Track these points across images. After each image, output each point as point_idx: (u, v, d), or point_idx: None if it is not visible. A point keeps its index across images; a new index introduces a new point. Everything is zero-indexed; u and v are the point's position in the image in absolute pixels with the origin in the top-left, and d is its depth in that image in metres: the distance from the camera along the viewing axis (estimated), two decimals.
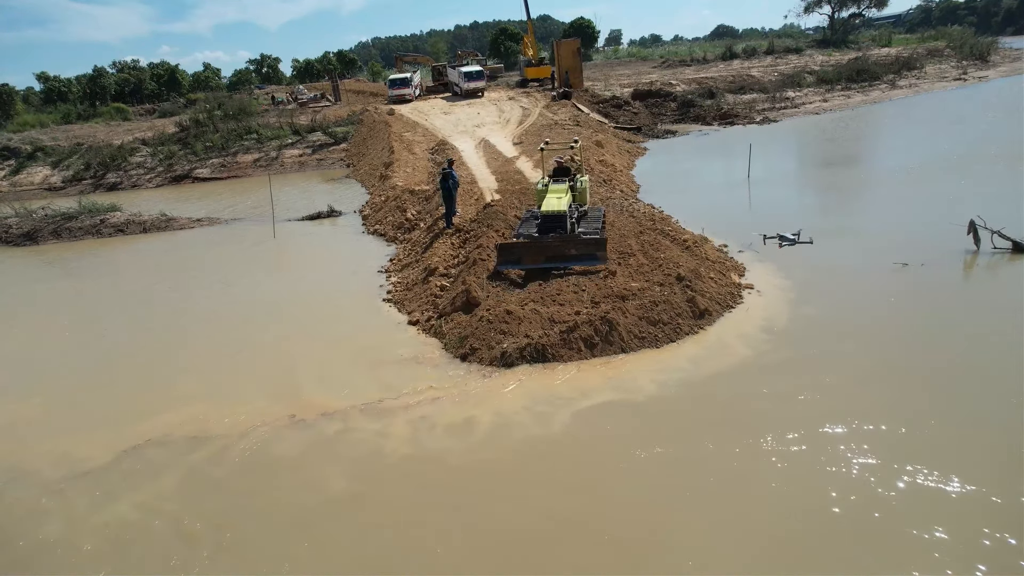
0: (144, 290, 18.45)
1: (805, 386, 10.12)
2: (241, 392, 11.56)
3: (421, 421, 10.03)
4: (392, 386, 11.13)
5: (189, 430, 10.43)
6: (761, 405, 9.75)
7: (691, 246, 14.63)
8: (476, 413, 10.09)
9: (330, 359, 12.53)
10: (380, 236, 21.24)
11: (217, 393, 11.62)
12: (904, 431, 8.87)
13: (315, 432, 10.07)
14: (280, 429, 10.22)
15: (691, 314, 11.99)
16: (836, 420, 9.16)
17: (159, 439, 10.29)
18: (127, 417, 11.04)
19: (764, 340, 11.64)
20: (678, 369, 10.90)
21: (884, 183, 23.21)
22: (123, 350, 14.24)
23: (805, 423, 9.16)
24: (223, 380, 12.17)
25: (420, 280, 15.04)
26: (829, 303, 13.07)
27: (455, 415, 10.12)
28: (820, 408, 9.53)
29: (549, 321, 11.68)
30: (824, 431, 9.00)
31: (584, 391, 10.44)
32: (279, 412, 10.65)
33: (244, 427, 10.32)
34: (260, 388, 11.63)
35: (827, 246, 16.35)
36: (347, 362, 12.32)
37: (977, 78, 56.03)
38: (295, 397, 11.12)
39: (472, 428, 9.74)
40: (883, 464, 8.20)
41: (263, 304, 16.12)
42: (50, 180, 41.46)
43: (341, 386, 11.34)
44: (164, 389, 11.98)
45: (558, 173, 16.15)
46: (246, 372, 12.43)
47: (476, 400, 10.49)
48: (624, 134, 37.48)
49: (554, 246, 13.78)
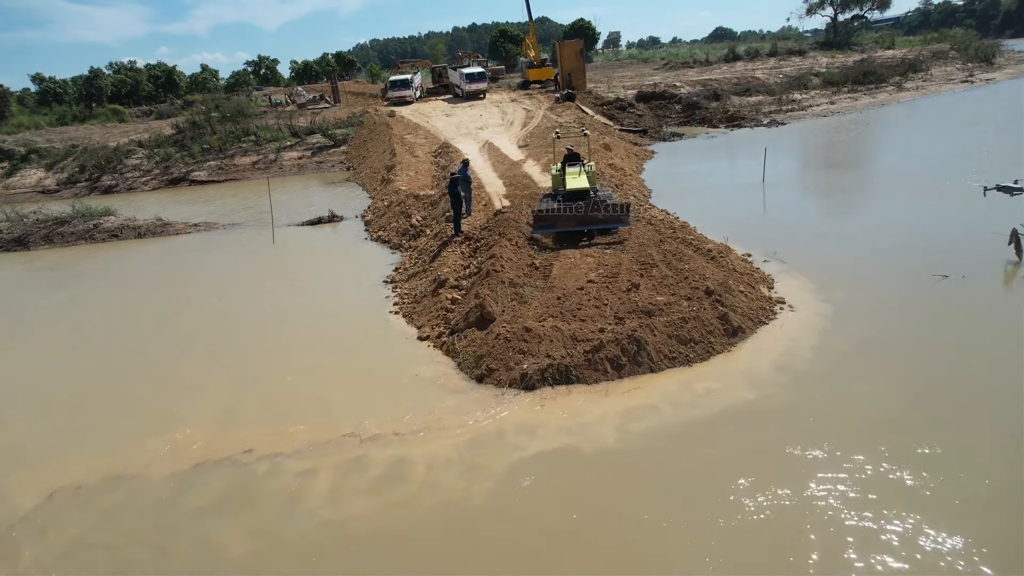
0: (136, 302, 17.58)
1: (841, 441, 8.85)
2: (231, 416, 10.71)
3: (390, 468, 8.96)
4: (396, 411, 10.30)
5: (133, 467, 9.58)
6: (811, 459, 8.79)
7: (716, 256, 13.82)
8: (481, 460, 9.07)
9: (333, 380, 11.67)
10: (384, 243, 20.42)
11: (202, 418, 10.76)
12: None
13: (243, 473, 9.19)
14: (213, 469, 9.35)
15: (723, 331, 11.19)
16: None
17: (123, 473, 9.50)
18: (105, 443, 10.25)
19: (803, 364, 10.72)
20: (724, 395, 10.07)
21: (909, 187, 22.16)
22: (109, 368, 13.32)
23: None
24: (211, 404, 11.25)
25: (429, 292, 14.22)
26: (867, 324, 11.99)
27: (453, 457, 9.16)
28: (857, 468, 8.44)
29: (571, 339, 10.86)
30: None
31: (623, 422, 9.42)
32: (245, 441, 9.83)
33: (187, 463, 9.51)
34: (252, 412, 10.80)
35: (860, 255, 15.53)
36: (350, 382, 11.49)
37: (984, 80, 55.48)
38: (285, 423, 10.32)
39: (471, 483, 8.64)
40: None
41: (261, 317, 15.24)
42: (44, 183, 40.66)
43: (339, 411, 10.51)
44: (146, 413, 11.13)
45: (569, 159, 17.26)
46: (239, 394, 11.53)
47: (483, 444, 9.41)
48: (630, 137, 36.77)
49: (585, 210, 15.09)
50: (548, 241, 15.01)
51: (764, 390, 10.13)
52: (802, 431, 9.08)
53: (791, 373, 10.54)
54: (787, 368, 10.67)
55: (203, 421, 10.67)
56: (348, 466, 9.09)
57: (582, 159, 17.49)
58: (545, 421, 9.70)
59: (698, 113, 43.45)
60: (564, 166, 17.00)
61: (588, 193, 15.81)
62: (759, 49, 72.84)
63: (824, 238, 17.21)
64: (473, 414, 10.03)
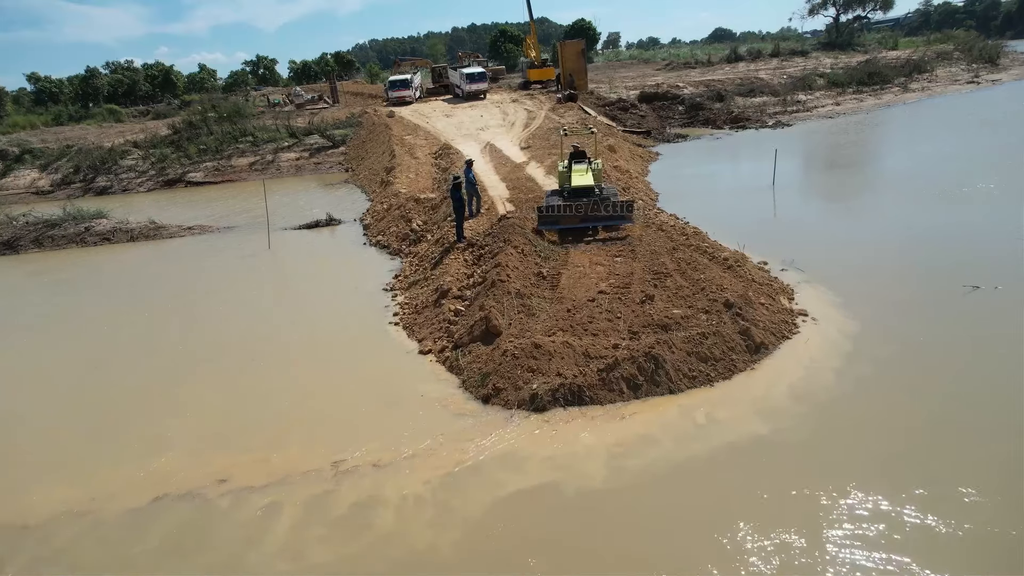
0: (124, 312, 16.82)
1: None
2: (217, 440, 10.02)
3: (357, 509, 8.22)
4: (392, 437, 9.57)
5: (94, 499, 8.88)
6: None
7: (733, 265, 13.13)
8: (455, 502, 8.20)
9: (328, 400, 10.90)
10: (383, 248, 19.73)
11: (186, 442, 10.06)
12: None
13: (202, 510, 8.51)
14: (173, 504, 8.66)
15: (745, 348, 10.50)
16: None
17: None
18: (78, 472, 9.55)
19: (823, 391, 9.90)
20: (733, 427, 9.20)
21: (925, 190, 21.39)
22: (94, 386, 12.53)
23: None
24: (197, 426, 10.53)
25: (431, 303, 13.51)
26: (894, 344, 11.05)
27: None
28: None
29: (583, 356, 10.17)
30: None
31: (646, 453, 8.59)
32: (223, 469, 9.16)
33: (150, 495, 8.83)
34: (238, 436, 10.10)
35: (882, 263, 14.86)
36: (346, 404, 10.73)
37: (990, 81, 54.87)
38: (272, 447, 9.64)
39: (439, 533, 7.77)
40: None
41: (254, 330, 14.48)
42: (38, 184, 39.98)
43: (330, 435, 9.80)
44: (130, 436, 10.42)
45: (576, 156, 17.47)
46: (228, 415, 10.80)
47: (461, 481, 8.59)
48: (633, 138, 36.13)
49: (588, 208, 15.33)
50: (553, 237, 15.15)
51: (778, 422, 9.24)
52: (817, 471, 8.13)
53: (809, 402, 9.66)
54: (805, 396, 9.79)
55: (186, 446, 9.97)
56: (314, 503, 8.38)
57: (588, 157, 17.76)
58: (534, 453, 8.90)
59: (702, 114, 42.91)
60: (571, 163, 17.20)
61: (593, 191, 16.14)
62: (761, 50, 72.26)
63: (842, 245, 16.49)
64: (475, 440, 9.30)
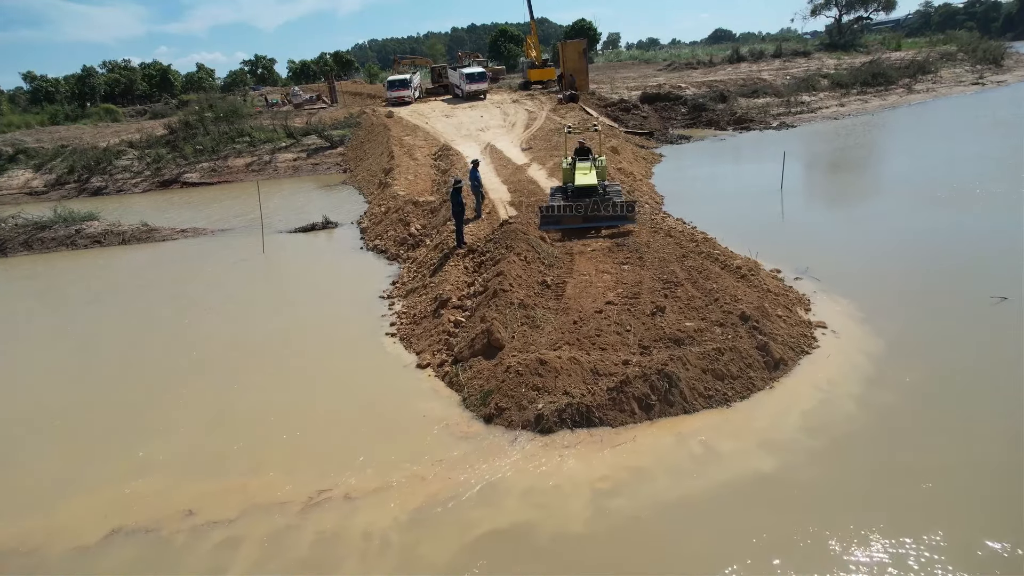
0: (109, 321, 16.14)
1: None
2: (194, 465, 9.36)
3: (316, 551, 7.56)
4: (384, 461, 8.92)
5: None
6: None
7: (746, 274, 12.49)
8: (424, 547, 7.52)
9: (318, 420, 10.19)
10: (381, 252, 19.11)
11: (163, 467, 9.40)
12: None
13: (155, 547, 7.86)
14: (125, 540, 7.99)
15: (763, 364, 9.87)
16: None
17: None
18: (40, 500, 8.91)
19: (841, 422, 9.02)
20: (736, 462, 8.41)
21: (940, 194, 20.68)
22: (73, 403, 11.78)
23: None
24: (176, 449, 9.85)
25: (430, 313, 12.86)
26: (921, 366, 10.19)
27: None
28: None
29: (592, 373, 9.55)
30: None
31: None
32: (194, 498, 8.53)
33: (105, 529, 8.19)
34: (217, 460, 9.44)
35: (901, 271, 14.27)
36: (338, 424, 10.01)
37: (996, 82, 54.33)
38: (252, 474, 9.00)
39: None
40: None
41: (244, 342, 13.82)
42: (32, 184, 39.38)
43: (316, 459, 9.12)
44: (105, 460, 9.77)
45: (580, 153, 17.55)
46: (210, 436, 10.10)
47: (434, 519, 7.87)
48: (636, 139, 35.54)
49: (590, 208, 15.42)
50: (556, 235, 15.20)
51: (786, 457, 8.33)
52: (824, 519, 7.28)
53: (823, 435, 8.74)
54: (820, 428, 8.89)
55: (162, 471, 9.30)
56: (272, 542, 7.73)
57: (593, 153, 17.79)
58: (517, 485, 8.19)
59: (704, 115, 42.37)
60: (575, 160, 17.24)
61: (596, 190, 16.22)
62: (763, 50, 71.70)
63: (857, 251, 15.86)
64: (475, 467, 8.62)
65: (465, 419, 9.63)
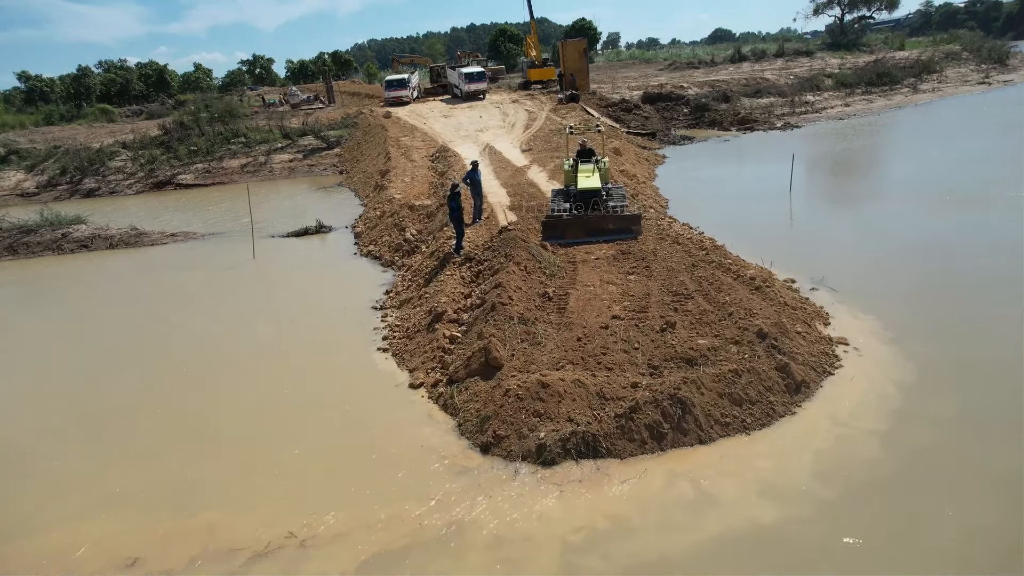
0: (88, 333, 15.29)
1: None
2: (152, 503, 8.49)
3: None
4: (362, 502, 8.03)
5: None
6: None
7: (761, 286, 11.72)
8: None
9: (303, 446, 9.36)
10: (375, 259, 18.36)
11: (119, 504, 8.54)
12: None
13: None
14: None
15: (784, 388, 9.09)
16: None
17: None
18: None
19: (859, 468, 7.91)
20: (730, 512, 7.44)
21: (956, 198, 19.85)
22: (38, 428, 10.90)
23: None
24: (137, 484, 8.94)
25: (424, 327, 12.08)
26: (956, 395, 9.19)
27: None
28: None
29: (598, 397, 8.79)
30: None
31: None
32: (143, 543, 7.66)
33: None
34: (181, 496, 8.55)
35: (924, 281, 13.51)
36: (324, 452, 9.17)
37: (1002, 82, 53.56)
38: (228, 511, 8.15)
39: None
40: None
41: (227, 355, 13.01)
42: (23, 185, 38.67)
43: (287, 496, 8.25)
44: (64, 492, 8.94)
45: (582, 155, 16.89)
46: (179, 468, 9.19)
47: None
48: (638, 140, 34.84)
49: (593, 221, 14.83)
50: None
51: (791, 509, 7.25)
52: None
53: (838, 483, 7.57)
54: (834, 474, 7.72)
55: (122, 506, 8.45)
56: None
57: (596, 154, 17.15)
58: (483, 535, 7.33)
59: (707, 115, 41.66)
60: (577, 162, 16.61)
61: (600, 192, 15.58)
62: (765, 50, 70.98)
63: (873, 258, 15.07)
64: (463, 504, 7.78)
65: (460, 448, 8.79)
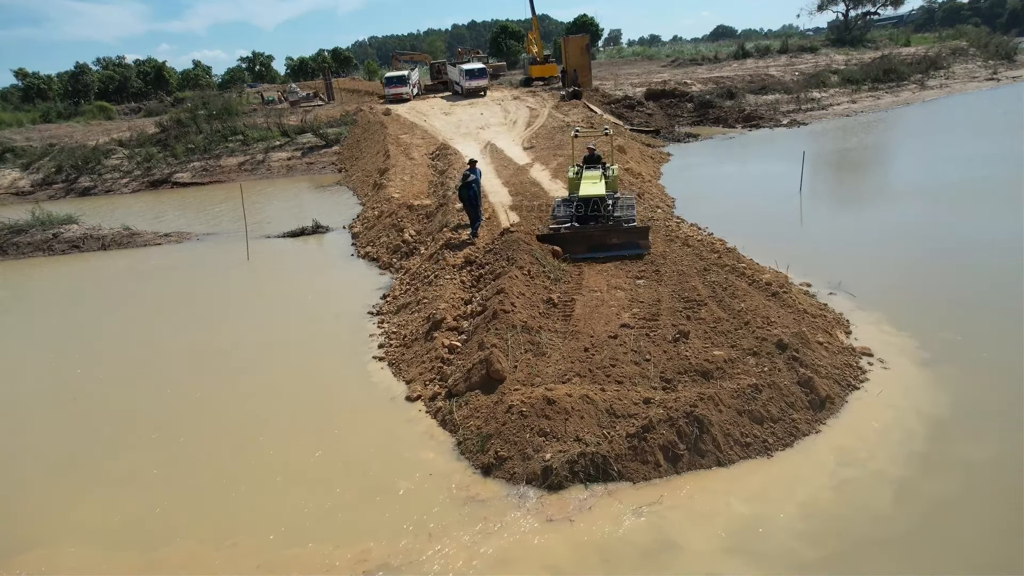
0: (69, 342, 14.57)
1: None
2: (118, 535, 7.84)
3: None
4: (355, 533, 7.37)
5: None
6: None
7: (778, 291, 11.10)
8: None
9: (289, 473, 8.62)
10: (372, 261, 17.76)
11: (85, 533, 7.92)
12: None
13: None
14: None
15: (808, 404, 8.48)
16: None
17: None
18: None
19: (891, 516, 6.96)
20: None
21: (976, 198, 18.97)
22: (11, 447, 10.26)
23: None
24: (105, 512, 8.28)
25: (422, 335, 11.46)
26: (995, 433, 8.18)
27: None
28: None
29: (608, 414, 8.19)
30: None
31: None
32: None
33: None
34: (153, 529, 7.87)
35: (946, 283, 12.88)
36: (299, 479, 8.45)
37: (1011, 78, 52.76)
38: (190, 549, 7.49)
39: None
40: None
41: (214, 367, 12.30)
42: (18, 184, 38.18)
43: (265, 531, 7.58)
44: (31, 517, 8.32)
45: (589, 160, 15.89)
46: (154, 495, 8.48)
47: None
48: (642, 138, 34.17)
49: (597, 235, 13.78)
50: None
51: (831, 545, 6.46)
52: None
53: (828, 544, 6.70)
54: (825, 534, 6.81)
55: (90, 538, 7.79)
56: None
57: (603, 161, 16.10)
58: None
59: (712, 112, 41.01)
60: (582, 168, 15.63)
61: (604, 200, 14.43)
62: (769, 46, 70.19)
63: (890, 261, 14.40)
64: (458, 540, 7.10)
65: (459, 470, 8.13)
